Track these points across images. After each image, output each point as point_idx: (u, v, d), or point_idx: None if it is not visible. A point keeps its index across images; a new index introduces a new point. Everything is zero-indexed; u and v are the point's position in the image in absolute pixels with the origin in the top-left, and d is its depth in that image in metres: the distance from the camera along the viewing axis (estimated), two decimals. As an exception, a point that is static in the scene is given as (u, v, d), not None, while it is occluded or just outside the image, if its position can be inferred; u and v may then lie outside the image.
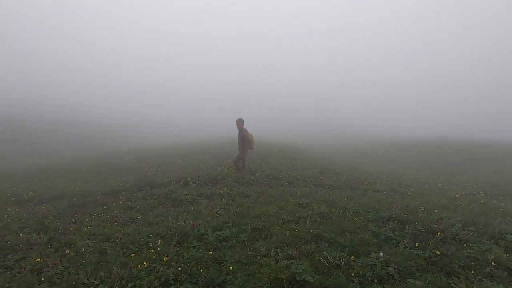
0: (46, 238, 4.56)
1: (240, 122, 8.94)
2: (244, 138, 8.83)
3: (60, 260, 3.67)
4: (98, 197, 7.23)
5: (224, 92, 58.16)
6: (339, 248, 3.66)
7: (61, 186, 8.53)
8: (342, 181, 8.98)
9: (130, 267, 3.30)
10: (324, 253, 3.41)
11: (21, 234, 4.63)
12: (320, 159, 15.98)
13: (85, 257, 3.79)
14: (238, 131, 8.99)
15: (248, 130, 8.99)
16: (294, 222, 4.68)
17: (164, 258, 3.46)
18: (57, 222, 5.54)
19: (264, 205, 5.77)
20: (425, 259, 3.40)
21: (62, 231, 4.94)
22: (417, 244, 3.70)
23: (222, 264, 3.41)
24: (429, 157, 20.07)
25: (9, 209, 6.32)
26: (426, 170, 16.19)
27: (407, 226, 4.34)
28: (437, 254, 3.44)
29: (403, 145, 25.34)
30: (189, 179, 8.12)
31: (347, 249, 3.61)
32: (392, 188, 8.36)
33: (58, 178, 10.25)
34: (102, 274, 3.26)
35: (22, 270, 3.42)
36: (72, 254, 3.89)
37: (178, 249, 3.86)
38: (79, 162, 13.70)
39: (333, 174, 10.22)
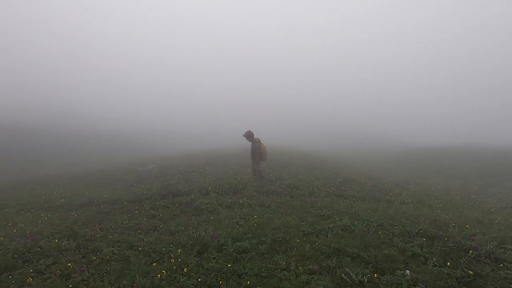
0: (75, 244, 4.78)
1: (249, 135, 8.95)
2: (256, 150, 8.83)
3: (87, 267, 3.83)
4: (123, 204, 7.50)
5: (241, 101, 58.81)
6: (362, 264, 3.52)
7: (90, 193, 8.95)
8: (365, 191, 8.69)
9: (152, 276, 3.37)
10: (346, 269, 3.29)
11: (54, 240, 4.89)
12: (342, 168, 15.59)
13: (110, 264, 3.93)
14: (250, 143, 9.02)
15: (261, 141, 9.00)
16: (315, 235, 4.58)
17: (185, 269, 3.50)
18: (85, 228, 5.80)
19: (285, 216, 5.70)
20: (456, 279, 3.18)
21: (90, 237, 5.16)
22: (448, 263, 3.48)
23: (241, 277, 3.39)
24: (459, 166, 18.98)
25: (42, 214, 6.72)
26: (456, 181, 15.33)
27: (436, 242, 4.10)
28: (470, 274, 3.21)
29: (431, 154, 24.16)
30: (210, 188, 8.23)
31: (371, 265, 3.46)
32: (420, 199, 7.96)
33: (87, 185, 10.77)
34: (125, 282, 3.35)
35: (52, 275, 3.60)
36: (98, 261, 4.04)
37: (198, 259, 3.89)
38: (106, 170, 14.32)
39: (356, 184, 9.92)
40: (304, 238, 4.38)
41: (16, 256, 4.34)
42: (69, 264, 3.85)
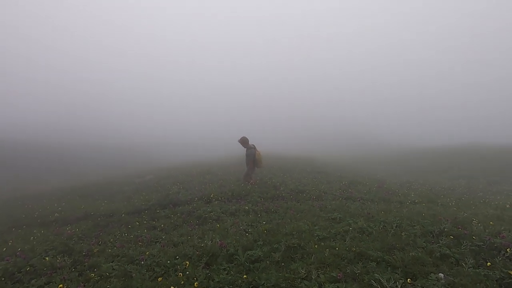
0: (70, 261, 4.39)
1: (244, 141, 8.88)
2: (250, 156, 8.75)
3: (84, 285, 3.44)
4: (121, 216, 7.10)
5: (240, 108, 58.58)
6: (389, 268, 3.20)
7: (86, 206, 8.52)
8: (372, 193, 8.40)
9: (158, 293, 3.01)
10: (375, 275, 2.97)
11: (46, 258, 4.49)
12: (345, 171, 15.32)
13: (109, 282, 3.55)
14: (245, 149, 8.93)
15: (257, 148, 8.89)
16: (331, 239, 4.25)
17: (195, 283, 3.14)
18: (81, 243, 5.39)
19: (294, 221, 5.37)
20: (496, 280, 2.88)
21: (86, 253, 4.76)
22: (488, 263, 3.17)
23: (257, 289, 3.05)
24: (461, 165, 18.84)
25: (35, 230, 6.30)
26: (459, 179, 15.14)
27: (464, 241, 3.80)
28: (511, 274, 2.91)
29: (432, 154, 24.07)
30: (212, 196, 7.87)
31: (400, 269, 3.14)
32: (430, 199, 7.68)
33: (83, 199, 10.32)
34: (127, 301, 2.98)
35: (45, 296, 3.21)
36: (97, 278, 3.66)
37: (208, 271, 3.53)
38: (103, 183, 13.87)
39: (361, 186, 9.64)
40: (321, 243, 4.04)
41: (4, 277, 3.93)
42: (61, 285, 3.45)
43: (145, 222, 6.59)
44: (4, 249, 4.96)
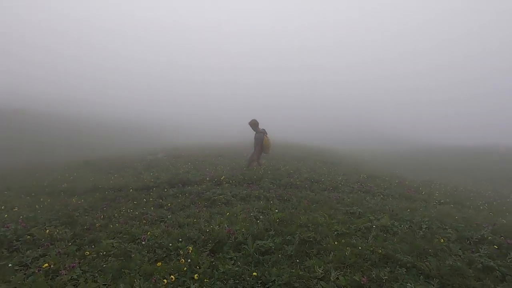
0: (71, 233, 4.18)
1: (254, 124, 8.52)
2: (258, 140, 8.41)
3: (79, 262, 3.19)
4: (129, 192, 6.90)
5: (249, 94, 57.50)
6: (421, 277, 2.75)
7: (95, 179, 8.42)
8: (393, 189, 7.83)
9: (155, 280, 2.69)
10: (407, 284, 2.52)
11: (46, 229, 4.30)
12: (361, 164, 14.68)
13: (106, 261, 3.28)
14: (254, 132, 8.59)
15: (267, 134, 8.51)
16: (351, 236, 3.81)
17: (196, 275, 2.80)
18: (86, 216, 5.21)
19: (309, 212, 4.95)
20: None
21: (89, 226, 4.55)
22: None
23: (267, 286, 2.68)
24: (487, 167, 17.77)
25: (42, 199, 6.19)
26: (481, 181, 14.25)
27: (510, 252, 3.27)
28: None
29: (454, 153, 22.84)
30: (223, 178, 7.54)
31: (436, 280, 2.68)
32: (458, 200, 7.05)
33: (94, 172, 10.28)
34: (122, 285, 2.69)
35: (37, 270, 2.97)
36: (94, 255, 3.40)
37: (212, 259, 3.20)
38: (116, 157, 13.85)
39: (380, 181, 9.05)
40: (340, 240, 3.61)
41: (2, 245, 3.75)
42: (52, 261, 3.20)
43: (152, 199, 6.36)
44: (6, 215, 4.81)
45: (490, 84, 56.03)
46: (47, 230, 4.15)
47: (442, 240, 3.59)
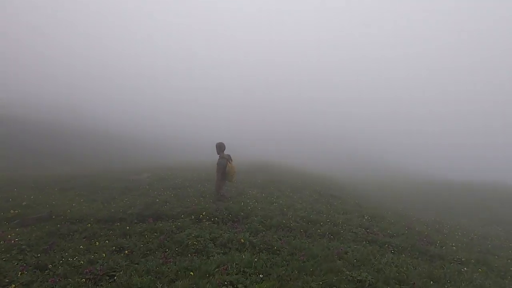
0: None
1: (218, 147, 7.67)
2: (220, 166, 7.46)
3: None
4: (88, 226, 5.72)
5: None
6: None
7: (56, 203, 7.22)
8: (402, 237, 6.71)
9: None
10: None
11: None
12: (362, 198, 13.54)
13: None
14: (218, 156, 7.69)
15: (231, 160, 7.65)
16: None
17: None
18: (15, 263, 4.02)
19: (304, 276, 3.81)
20: None
21: (7, 283, 3.38)
22: None
23: None
24: (494, 207, 16.71)
25: (-27, 231, 5.00)
26: (494, 225, 13.13)
27: None
28: None
29: (456, 189, 21.78)
30: (204, 214, 6.40)
31: None
32: (482, 259, 5.89)
33: (63, 192, 9.09)
34: None
35: None
36: None
37: None
38: (96, 175, 12.65)
39: (386, 223, 7.94)
40: None
41: None
42: None
43: (112, 239, 5.19)
44: None
45: (501, 115, 55.49)
46: None
47: None
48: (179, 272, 3.93)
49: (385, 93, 71.50)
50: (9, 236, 4.83)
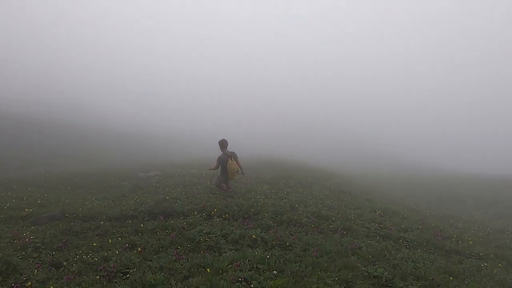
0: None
1: (221, 144, 7.73)
2: (219, 161, 7.58)
3: None
4: (101, 223, 5.76)
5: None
6: None
7: (69, 202, 7.30)
8: (416, 231, 6.56)
9: None
10: None
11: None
12: (372, 193, 13.35)
13: None
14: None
15: (233, 158, 7.60)
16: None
17: None
18: (30, 261, 4.06)
19: (318, 272, 3.74)
20: None
21: (24, 280, 3.41)
22: None
23: None
24: (506, 201, 16.28)
25: (-12, 230, 5.07)
26: (508, 219, 12.80)
27: None
28: None
29: (467, 183, 21.32)
30: (215, 210, 6.38)
31: None
32: (499, 253, 5.73)
33: (74, 190, 9.20)
34: None
35: None
36: None
37: None
38: (106, 173, 12.77)
39: (399, 218, 7.79)
40: None
41: None
42: None
43: (125, 235, 5.21)
44: None
45: None
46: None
47: None
48: (192, 269, 3.90)
49: (403, 86, 70.12)
50: (23, 234, 4.88)
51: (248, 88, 67.00)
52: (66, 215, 6.13)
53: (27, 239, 4.69)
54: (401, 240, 5.73)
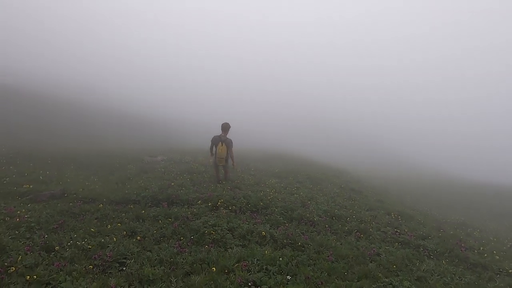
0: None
1: (223, 128, 7.45)
2: (211, 142, 7.48)
3: None
4: (101, 206, 5.44)
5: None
6: None
7: (70, 181, 7.02)
8: (436, 239, 6.06)
9: None
10: None
11: None
12: (383, 194, 12.82)
13: None
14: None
15: (225, 143, 7.31)
16: None
17: None
18: (22, 241, 3.75)
19: (335, 280, 3.32)
20: None
21: (8, 265, 3.08)
22: None
23: None
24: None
25: (-18, 205, 4.79)
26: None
27: None
28: None
29: (476, 189, 20.58)
30: (221, 201, 6.00)
31: None
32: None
33: (78, 170, 8.95)
34: None
35: None
36: None
37: None
38: (112, 155, 12.53)
39: (415, 223, 7.30)
40: None
41: None
42: None
43: (125, 221, 4.87)
44: None
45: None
46: None
47: None
48: (195, 265, 3.54)
49: (419, 94, 68.52)
50: (18, 212, 4.59)
51: (271, 88, 65.92)
52: (66, 194, 5.84)
53: (22, 217, 4.39)
54: (421, 248, 5.26)
